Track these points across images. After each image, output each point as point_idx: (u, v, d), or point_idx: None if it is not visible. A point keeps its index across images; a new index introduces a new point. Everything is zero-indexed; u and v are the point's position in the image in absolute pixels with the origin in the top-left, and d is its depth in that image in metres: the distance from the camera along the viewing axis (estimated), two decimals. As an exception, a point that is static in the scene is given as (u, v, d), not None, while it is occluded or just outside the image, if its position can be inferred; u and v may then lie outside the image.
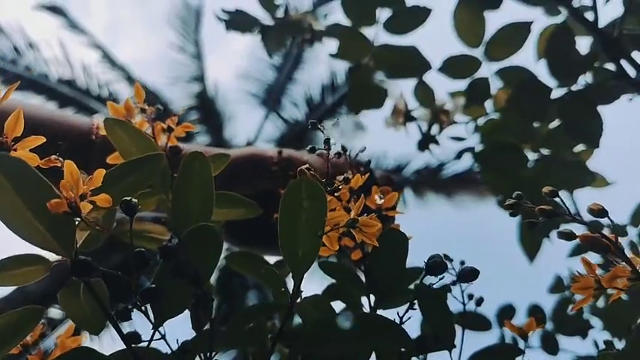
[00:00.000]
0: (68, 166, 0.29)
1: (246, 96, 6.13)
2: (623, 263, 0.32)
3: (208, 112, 5.92)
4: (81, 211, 0.29)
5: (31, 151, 0.33)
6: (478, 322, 1.02)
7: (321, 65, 5.83)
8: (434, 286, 0.40)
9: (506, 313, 1.13)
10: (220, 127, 5.88)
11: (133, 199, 0.31)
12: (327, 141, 0.39)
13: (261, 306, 0.42)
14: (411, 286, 0.42)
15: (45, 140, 0.33)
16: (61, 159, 0.32)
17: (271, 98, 6.01)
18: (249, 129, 6.42)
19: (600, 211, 0.33)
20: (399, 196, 0.43)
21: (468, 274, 0.36)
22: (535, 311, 1.12)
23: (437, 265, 0.35)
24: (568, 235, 0.33)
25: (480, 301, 0.48)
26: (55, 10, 5.57)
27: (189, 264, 0.30)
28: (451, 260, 0.42)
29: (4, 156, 0.30)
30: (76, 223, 0.30)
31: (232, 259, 0.44)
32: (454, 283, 0.38)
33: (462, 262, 0.46)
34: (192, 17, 6.00)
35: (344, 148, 0.43)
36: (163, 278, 0.31)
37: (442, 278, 0.37)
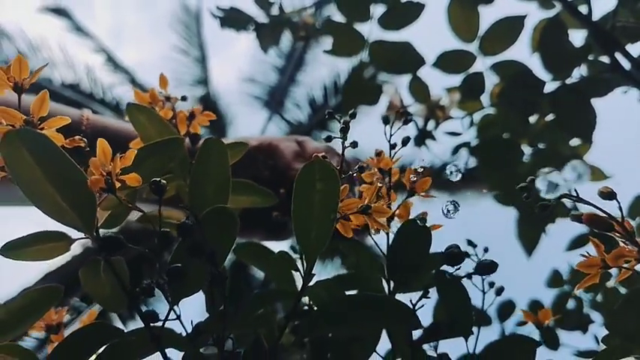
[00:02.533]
0: (101, 144, 0.30)
1: (249, 98, 6.15)
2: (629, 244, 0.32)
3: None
4: (115, 188, 0.30)
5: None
6: (478, 318, 1.02)
7: (324, 67, 5.84)
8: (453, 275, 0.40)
9: (507, 308, 1.12)
10: (223, 130, 5.89)
11: (162, 180, 0.32)
12: (343, 129, 0.38)
13: (273, 291, 0.42)
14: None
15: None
16: (85, 139, 0.33)
17: (274, 100, 6.02)
18: (253, 131, 6.43)
19: (610, 194, 0.33)
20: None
21: (486, 267, 0.36)
22: (535, 306, 1.11)
23: (454, 255, 0.35)
24: (579, 217, 0.33)
25: (500, 291, 0.48)
26: (60, 12, 5.60)
27: (206, 243, 0.31)
28: (475, 246, 0.42)
29: (27, 131, 0.30)
30: (97, 202, 0.31)
31: (239, 250, 0.45)
32: (471, 275, 0.38)
33: (486, 249, 0.47)
34: (193, 21, 6.03)
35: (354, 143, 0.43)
36: (180, 257, 0.32)
37: (459, 268, 0.37)
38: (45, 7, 5.54)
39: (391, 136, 0.42)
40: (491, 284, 0.47)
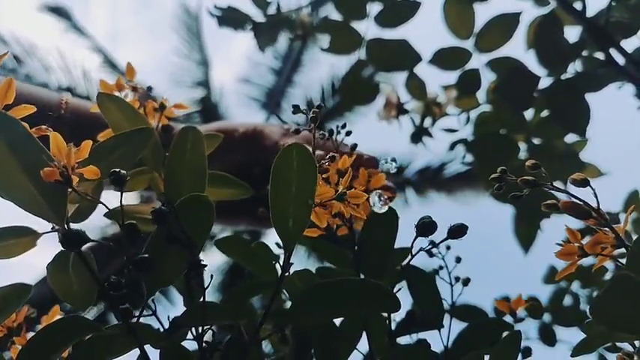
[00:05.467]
0: (54, 138, 0.29)
1: (247, 100, 6.16)
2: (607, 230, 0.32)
3: (210, 115, 5.94)
4: (72, 180, 0.29)
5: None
6: (474, 314, 1.03)
7: (321, 68, 5.85)
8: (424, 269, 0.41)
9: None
10: (221, 131, 5.89)
11: (122, 170, 0.31)
12: (313, 118, 0.39)
13: (253, 283, 0.43)
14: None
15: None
16: (51, 129, 0.32)
17: (271, 102, 6.03)
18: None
19: (582, 181, 0.33)
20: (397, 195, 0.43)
21: (457, 231, 0.35)
22: (532, 302, 1.12)
23: (426, 225, 0.35)
24: (554, 207, 0.33)
25: (466, 282, 0.48)
26: (59, 11, 5.59)
27: (182, 231, 0.31)
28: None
29: (2, 116, 0.29)
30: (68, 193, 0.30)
31: (220, 243, 0.44)
32: (444, 240, 0.37)
33: (448, 247, 0.47)
34: (193, 22, 6.03)
35: (330, 131, 0.44)
36: (156, 246, 0.31)
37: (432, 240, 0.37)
38: (44, 4, 5.53)
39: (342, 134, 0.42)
40: (457, 278, 0.47)
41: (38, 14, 5.68)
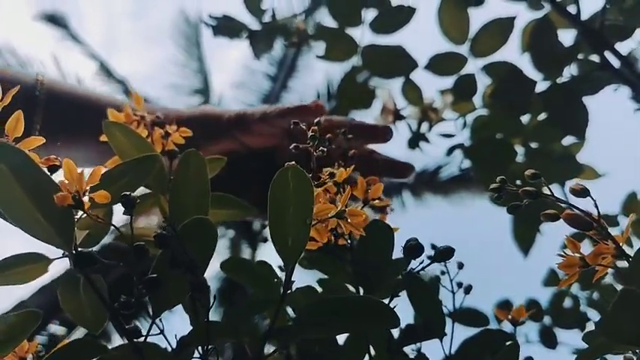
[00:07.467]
0: (66, 164, 0.30)
1: (243, 105, 6.17)
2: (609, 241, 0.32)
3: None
4: (84, 204, 0.30)
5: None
6: (475, 318, 1.02)
7: (316, 73, 5.87)
8: (423, 276, 0.40)
9: (503, 308, 1.12)
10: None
11: (132, 194, 0.31)
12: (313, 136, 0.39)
13: (256, 300, 0.43)
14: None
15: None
16: (59, 159, 0.33)
17: (267, 107, 6.04)
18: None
19: (582, 191, 0.33)
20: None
21: (444, 253, 0.36)
22: (532, 305, 1.12)
23: (413, 247, 0.35)
24: (552, 216, 0.33)
25: (468, 289, 0.48)
26: (55, 19, 5.59)
27: (185, 253, 0.31)
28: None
29: (6, 146, 0.30)
30: (76, 219, 0.31)
31: (223, 265, 0.45)
32: (430, 264, 0.38)
33: (433, 246, 0.47)
34: (192, 31, 6.05)
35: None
36: (160, 270, 0.32)
37: (422, 262, 0.37)
38: (42, 13, 5.54)
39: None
40: (460, 284, 0.47)
41: (35, 23, 5.69)
